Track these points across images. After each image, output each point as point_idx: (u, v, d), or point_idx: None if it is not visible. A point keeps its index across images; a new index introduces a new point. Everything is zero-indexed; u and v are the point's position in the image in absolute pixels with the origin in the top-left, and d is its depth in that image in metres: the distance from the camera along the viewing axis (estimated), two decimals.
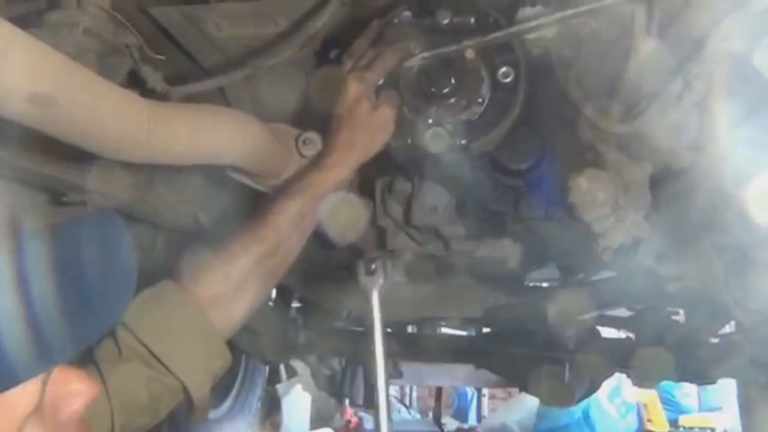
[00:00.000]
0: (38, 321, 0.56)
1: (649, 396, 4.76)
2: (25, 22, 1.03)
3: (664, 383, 2.56)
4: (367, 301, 1.17)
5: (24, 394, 0.59)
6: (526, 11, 1.19)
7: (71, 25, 0.98)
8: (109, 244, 0.66)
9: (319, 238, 1.47)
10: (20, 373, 0.57)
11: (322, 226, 1.17)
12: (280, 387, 4.48)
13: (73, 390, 0.64)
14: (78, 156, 0.99)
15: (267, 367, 3.45)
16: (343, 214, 1.17)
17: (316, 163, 1.17)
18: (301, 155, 1.19)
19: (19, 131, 0.75)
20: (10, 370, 0.56)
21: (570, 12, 1.11)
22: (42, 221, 1.08)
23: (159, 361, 0.94)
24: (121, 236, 0.68)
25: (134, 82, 1.11)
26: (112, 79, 1.02)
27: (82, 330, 0.62)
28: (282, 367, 3.83)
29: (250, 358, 3.00)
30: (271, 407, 4.61)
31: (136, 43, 1.07)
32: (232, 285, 1.05)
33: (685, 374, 1.87)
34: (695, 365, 1.81)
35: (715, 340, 1.83)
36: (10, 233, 0.59)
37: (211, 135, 0.96)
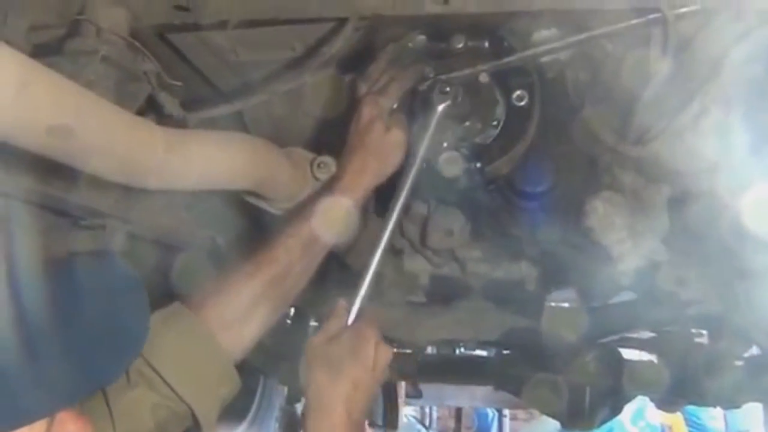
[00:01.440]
0: (47, 368, 0.59)
1: (674, 418, 4.65)
2: (46, 49, 1.06)
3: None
4: (429, 114, 1.15)
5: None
6: (540, 34, 1.19)
7: (90, 53, 1.00)
8: (124, 301, 0.69)
9: (334, 259, 1.47)
10: (29, 416, 0.61)
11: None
12: (299, 406, 4.46)
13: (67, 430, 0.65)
14: (97, 182, 1.01)
15: (285, 387, 3.45)
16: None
17: (330, 186, 1.17)
18: (316, 178, 1.20)
19: (41, 158, 0.77)
20: (21, 412, 0.60)
21: (584, 35, 1.11)
22: (63, 247, 1.11)
23: (167, 385, 0.94)
24: (136, 295, 0.70)
25: (152, 107, 1.13)
26: (131, 105, 1.05)
27: (88, 380, 0.66)
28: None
29: (268, 378, 2.99)
30: (290, 426, 4.59)
31: (153, 69, 1.09)
32: (242, 308, 1.05)
33: (710, 399, 1.83)
34: (720, 389, 1.77)
35: (740, 363, 1.79)
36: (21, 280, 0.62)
37: (226, 161, 0.97)
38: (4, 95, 0.64)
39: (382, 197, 1.52)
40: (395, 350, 2.44)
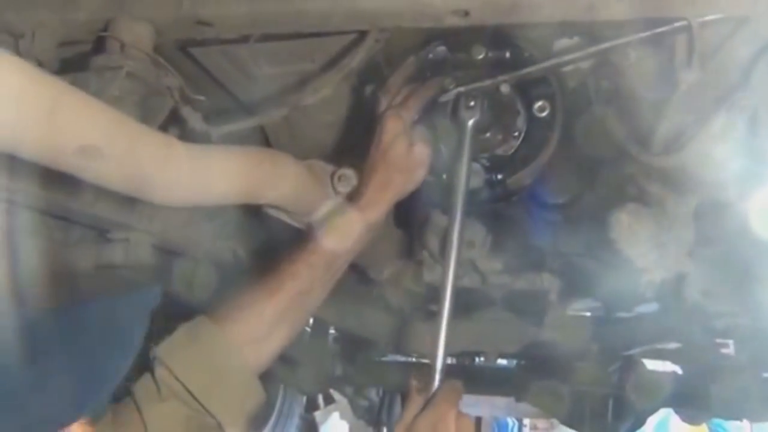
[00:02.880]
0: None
1: (698, 430, 4.58)
2: (72, 65, 1.07)
3: None
4: (462, 132, 1.14)
5: None
6: (562, 44, 1.18)
7: (115, 69, 1.01)
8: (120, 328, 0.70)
9: (355, 271, 1.47)
10: None
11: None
12: (318, 414, 4.47)
13: None
14: (122, 196, 1.02)
15: (305, 396, 3.46)
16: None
17: (352, 201, 1.17)
18: (336, 191, 1.20)
19: (68, 175, 0.78)
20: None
21: (607, 44, 1.10)
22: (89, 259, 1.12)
23: (196, 400, 0.95)
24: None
25: (175, 121, 1.14)
26: (155, 119, 1.06)
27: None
28: (320, 394, 3.83)
29: (288, 387, 3.00)
30: None
31: (176, 84, 1.10)
32: (266, 323, 1.05)
33: (736, 411, 1.80)
34: (746, 401, 1.74)
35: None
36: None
37: (248, 177, 0.97)
38: (36, 117, 0.64)
39: (402, 209, 1.52)
40: (415, 360, 2.44)
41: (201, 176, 0.86)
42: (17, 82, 0.63)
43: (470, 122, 1.13)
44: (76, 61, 1.07)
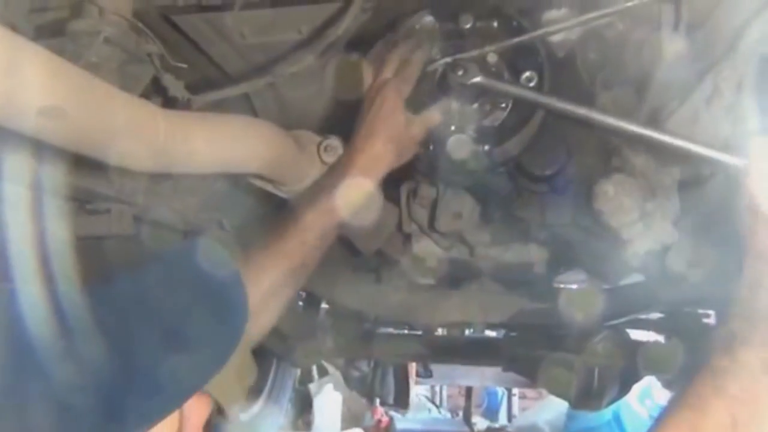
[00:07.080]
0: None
1: None
2: (47, 31, 1.05)
3: None
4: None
5: None
6: (550, 14, 1.17)
7: (92, 34, 0.99)
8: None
9: (345, 244, 1.47)
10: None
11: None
12: (311, 386, 4.51)
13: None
14: (102, 165, 1.00)
15: (298, 369, 3.48)
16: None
17: (345, 171, 1.13)
18: (323, 162, 1.19)
19: (42, 141, 0.75)
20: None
21: (595, 14, 1.09)
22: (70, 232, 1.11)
23: None
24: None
25: (156, 90, 1.12)
26: (135, 87, 1.04)
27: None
28: (314, 366, 3.86)
29: (281, 361, 3.02)
30: (303, 406, 4.66)
31: (157, 51, 1.08)
32: (259, 298, 1.04)
33: None
34: None
35: None
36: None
37: (231, 144, 0.95)
38: None
39: (390, 181, 1.50)
40: (406, 332, 2.46)
41: (180, 143, 0.83)
42: None
43: (471, 82, 1.12)
44: (51, 27, 1.05)
